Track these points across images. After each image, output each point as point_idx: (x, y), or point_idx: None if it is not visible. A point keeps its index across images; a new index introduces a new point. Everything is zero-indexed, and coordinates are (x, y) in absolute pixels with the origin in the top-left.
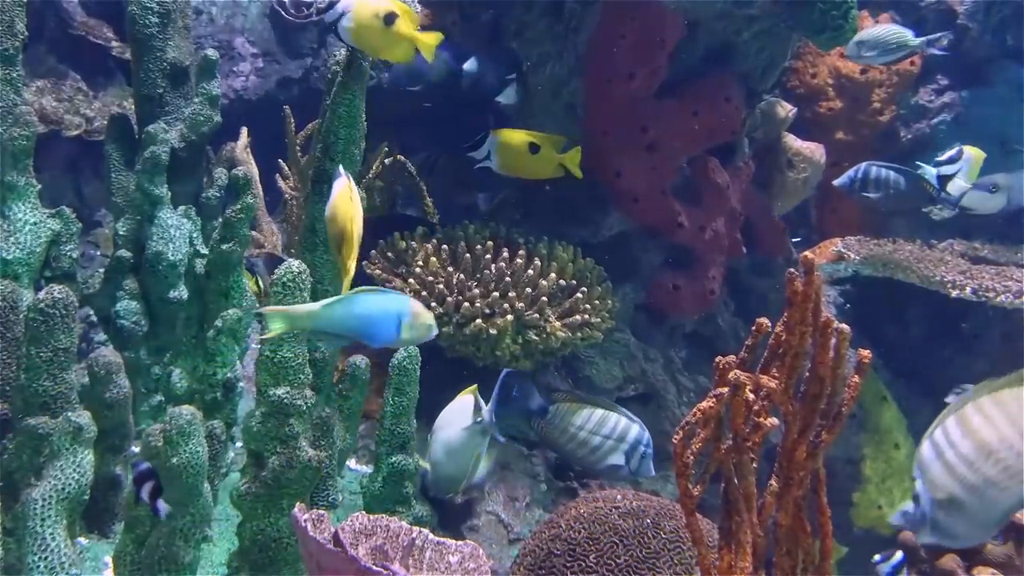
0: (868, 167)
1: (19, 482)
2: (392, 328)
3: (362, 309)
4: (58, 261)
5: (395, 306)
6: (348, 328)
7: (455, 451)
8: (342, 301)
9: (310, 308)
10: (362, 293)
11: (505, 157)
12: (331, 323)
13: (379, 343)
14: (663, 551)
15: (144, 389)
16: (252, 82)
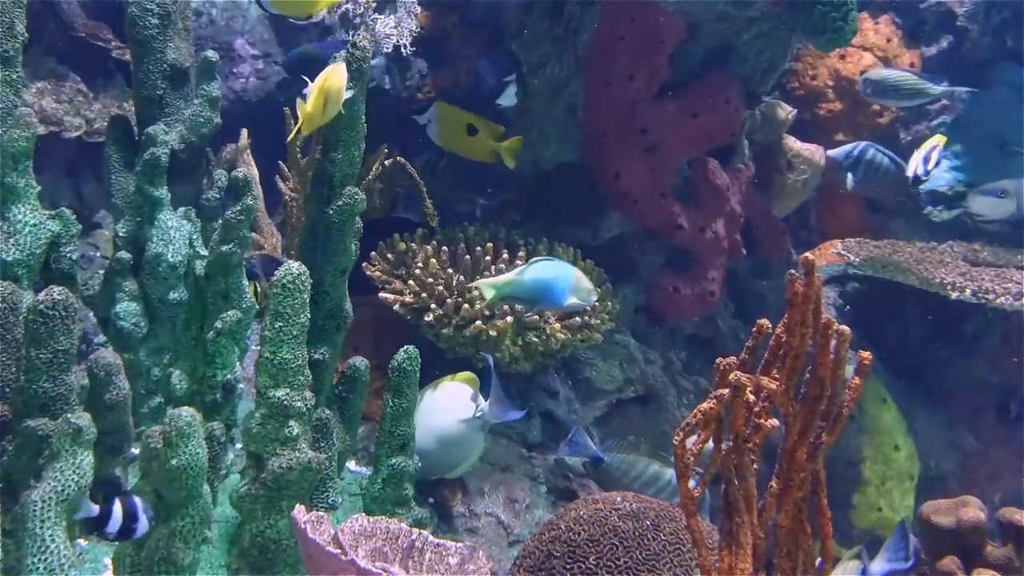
0: (867, 147)
1: (18, 484)
2: (564, 292)
3: (545, 275)
4: (58, 263)
5: (565, 273)
6: (534, 292)
7: (451, 442)
8: (529, 269)
9: (509, 277)
10: (542, 262)
11: (443, 129)
12: (523, 288)
13: (551, 305)
14: (663, 553)
15: (144, 391)
16: (252, 83)
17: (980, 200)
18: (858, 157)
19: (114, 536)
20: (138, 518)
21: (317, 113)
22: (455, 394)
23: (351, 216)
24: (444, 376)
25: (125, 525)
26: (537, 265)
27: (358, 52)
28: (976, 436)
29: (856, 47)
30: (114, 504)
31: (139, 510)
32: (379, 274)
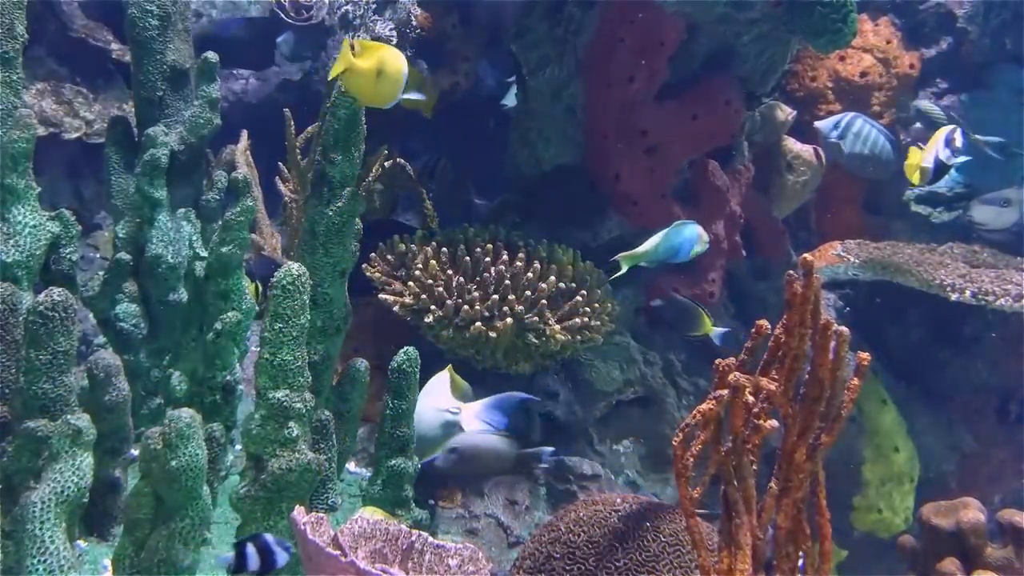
0: (855, 117)
1: (18, 485)
2: (689, 248)
3: (676, 239)
4: (58, 264)
5: (690, 232)
6: (666, 254)
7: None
8: (664, 236)
9: (646, 247)
10: (674, 228)
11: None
12: (658, 253)
13: (683, 258)
14: (663, 554)
15: (143, 392)
16: (252, 85)
17: (983, 209)
18: (846, 127)
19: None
20: (274, 551)
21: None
22: (443, 383)
23: (351, 217)
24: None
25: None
26: (670, 232)
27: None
28: (976, 438)
29: (856, 48)
30: (247, 547)
31: (272, 544)
32: (379, 275)
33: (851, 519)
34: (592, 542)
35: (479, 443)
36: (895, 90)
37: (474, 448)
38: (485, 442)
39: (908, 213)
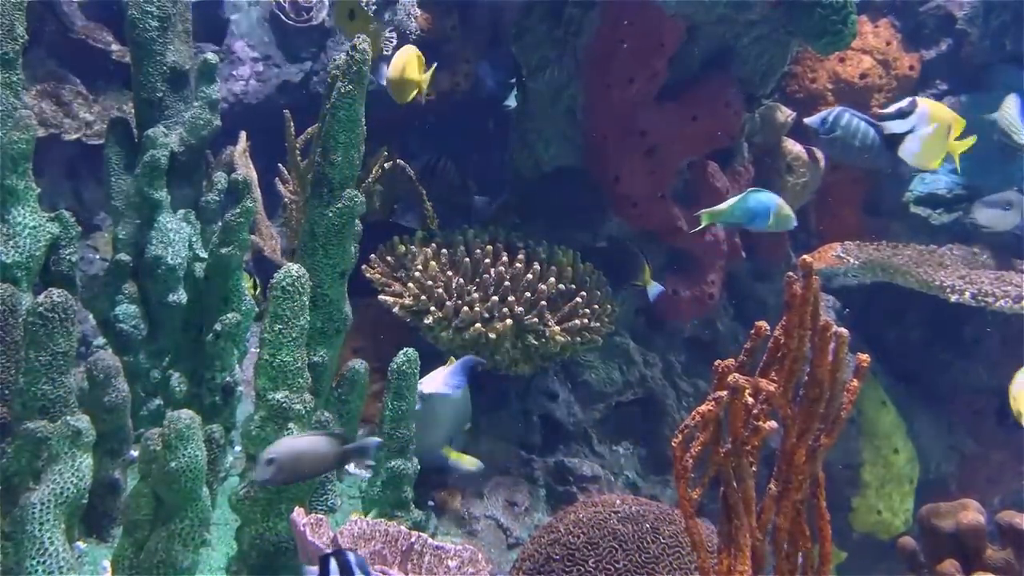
0: (842, 111)
1: (18, 486)
2: (766, 217)
3: (753, 204)
4: (57, 265)
5: (769, 200)
6: (742, 216)
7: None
8: (740, 197)
9: (723, 206)
10: (753, 193)
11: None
12: (734, 214)
13: (756, 227)
14: (662, 555)
15: (143, 393)
16: (252, 86)
17: (985, 212)
18: (834, 122)
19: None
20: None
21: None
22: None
23: (351, 218)
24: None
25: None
26: (750, 196)
27: (358, 55)
28: (976, 439)
29: (856, 50)
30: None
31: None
32: (379, 276)
33: (851, 520)
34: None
35: (297, 447)
36: (895, 92)
37: (292, 453)
38: (303, 445)
39: (908, 214)
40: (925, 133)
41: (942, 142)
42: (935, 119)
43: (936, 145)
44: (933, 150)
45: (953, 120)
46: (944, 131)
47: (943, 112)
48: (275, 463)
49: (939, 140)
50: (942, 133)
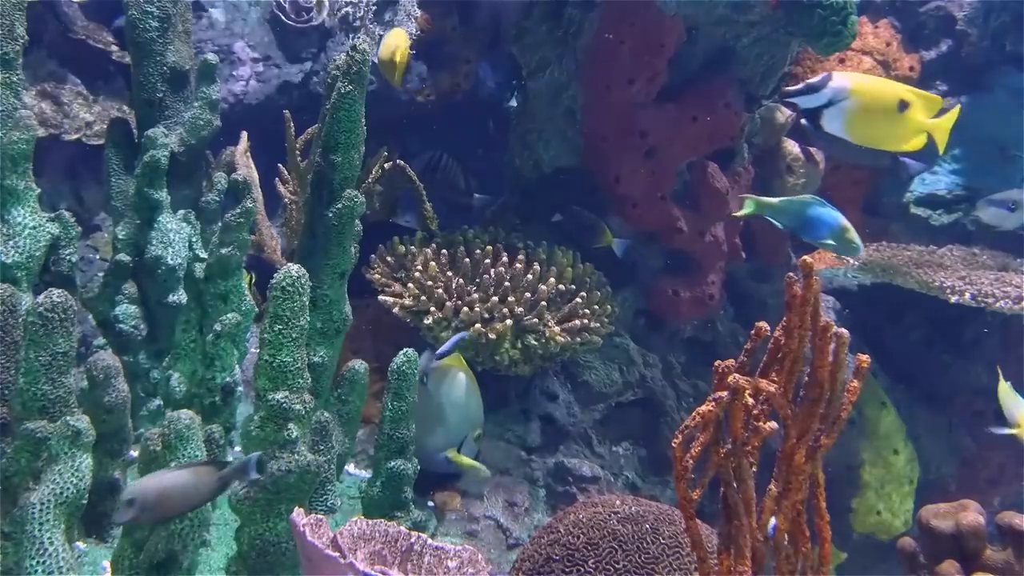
0: None
1: (17, 486)
2: (823, 232)
3: (814, 213)
4: (57, 265)
5: (833, 218)
6: (795, 220)
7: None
8: (800, 201)
9: (774, 200)
10: (818, 204)
11: None
12: (783, 213)
13: (808, 237)
14: (662, 556)
15: (143, 393)
16: (252, 86)
17: (990, 211)
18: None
19: None
20: None
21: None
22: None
23: (351, 219)
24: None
25: None
26: (810, 202)
27: (358, 55)
28: (976, 440)
29: (855, 51)
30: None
31: None
32: (379, 277)
33: (851, 521)
34: (591, 544)
35: (161, 484)
36: None
37: (155, 491)
38: (169, 481)
39: (907, 215)
40: (847, 107)
41: (888, 117)
42: (859, 92)
43: (878, 121)
44: (874, 126)
45: (910, 94)
46: (886, 106)
47: (879, 86)
48: (135, 504)
49: (881, 115)
50: (881, 107)
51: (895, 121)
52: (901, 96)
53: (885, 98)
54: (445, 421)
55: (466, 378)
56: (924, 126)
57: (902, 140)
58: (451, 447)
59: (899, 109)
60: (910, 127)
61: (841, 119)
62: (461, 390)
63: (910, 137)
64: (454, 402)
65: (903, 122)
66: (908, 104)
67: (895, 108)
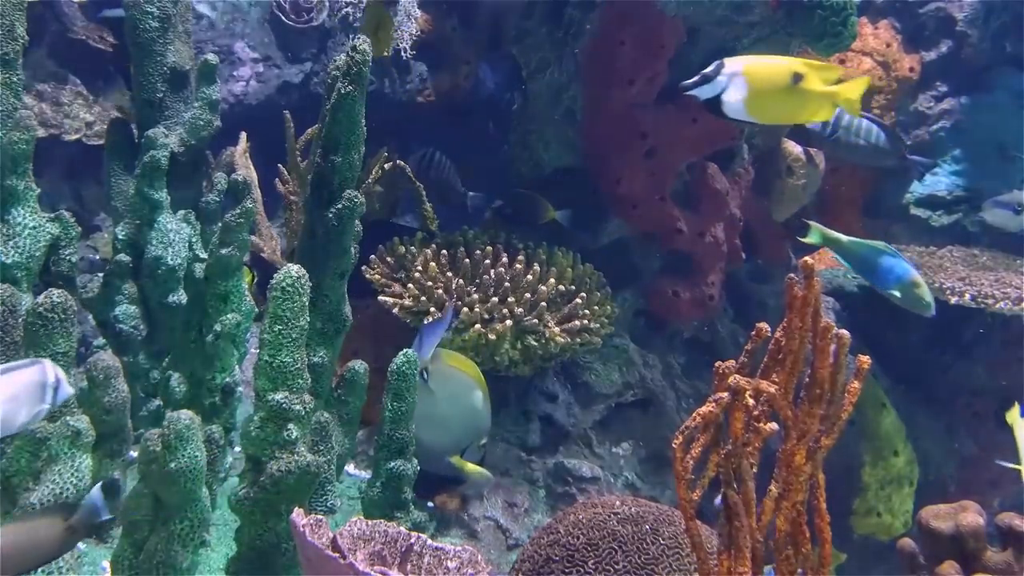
0: (841, 112)
1: (17, 486)
2: (891, 282)
3: (884, 262)
4: (57, 265)
5: (903, 271)
6: (859, 263)
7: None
8: (871, 247)
9: (843, 238)
10: (890, 253)
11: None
12: (851, 254)
13: (877, 285)
14: (662, 557)
15: (143, 393)
16: (252, 87)
17: (996, 212)
18: (835, 124)
19: None
20: None
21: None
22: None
23: (350, 219)
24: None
25: None
26: (881, 250)
27: (358, 56)
28: (976, 441)
29: (856, 52)
30: None
31: None
32: (378, 277)
33: (850, 522)
34: (591, 545)
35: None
36: (895, 93)
37: None
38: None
39: (908, 216)
40: (742, 90)
41: (784, 92)
42: (750, 73)
43: (775, 97)
44: (772, 103)
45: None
46: (779, 81)
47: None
48: None
49: (777, 91)
50: (775, 84)
51: (792, 94)
52: (793, 69)
53: (777, 74)
54: (453, 425)
55: (478, 388)
56: (826, 94)
57: (804, 111)
58: (454, 452)
59: (793, 82)
60: (809, 97)
61: (741, 103)
62: (472, 399)
63: (811, 107)
64: (464, 409)
65: (800, 94)
66: (802, 76)
67: (789, 82)
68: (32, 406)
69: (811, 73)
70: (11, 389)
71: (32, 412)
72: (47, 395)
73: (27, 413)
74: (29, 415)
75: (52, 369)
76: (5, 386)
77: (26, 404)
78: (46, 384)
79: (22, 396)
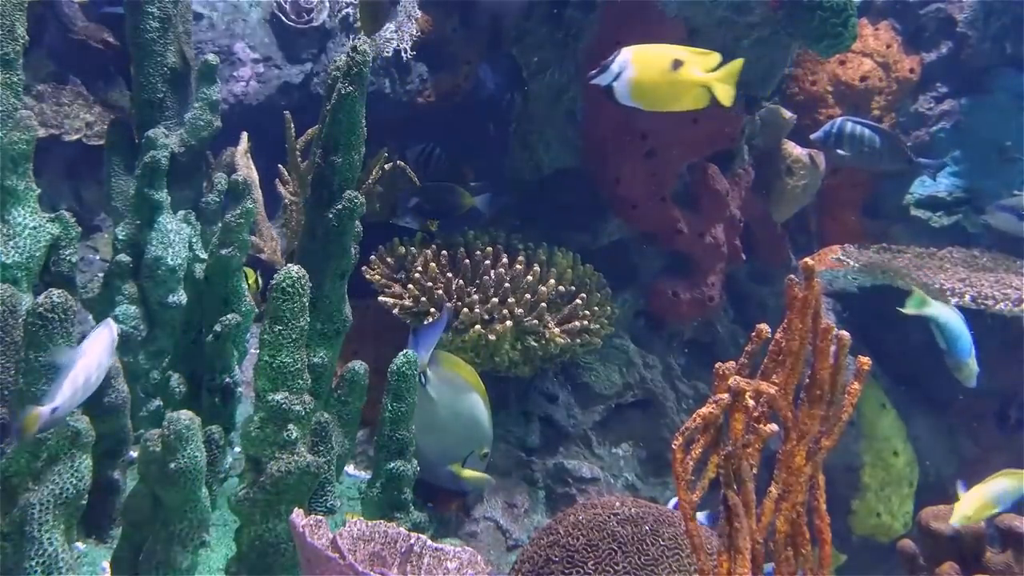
0: (844, 122)
1: (17, 487)
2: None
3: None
4: (57, 265)
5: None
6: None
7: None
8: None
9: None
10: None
11: None
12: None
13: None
14: (662, 558)
15: (143, 394)
16: (252, 87)
17: (1000, 217)
18: (839, 133)
19: None
20: None
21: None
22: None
23: (351, 220)
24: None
25: None
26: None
27: (358, 56)
28: (976, 442)
29: (856, 52)
30: None
31: None
32: (379, 278)
33: (850, 523)
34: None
35: None
36: (895, 94)
37: None
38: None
39: (908, 217)
40: (630, 76)
41: (665, 78)
42: (637, 60)
43: (657, 84)
44: (654, 89)
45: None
46: (661, 68)
47: (655, 49)
48: None
49: (659, 78)
50: (657, 70)
51: (671, 81)
52: (675, 56)
53: (659, 60)
54: (451, 433)
55: (478, 394)
56: (699, 80)
57: (680, 98)
58: (453, 461)
59: (673, 68)
60: (685, 84)
61: (628, 89)
62: (472, 405)
63: (688, 93)
64: (463, 415)
65: (678, 80)
66: (682, 63)
67: (669, 68)
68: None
69: (690, 60)
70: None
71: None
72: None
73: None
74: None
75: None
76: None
77: (107, 361)
78: (114, 340)
79: (106, 355)
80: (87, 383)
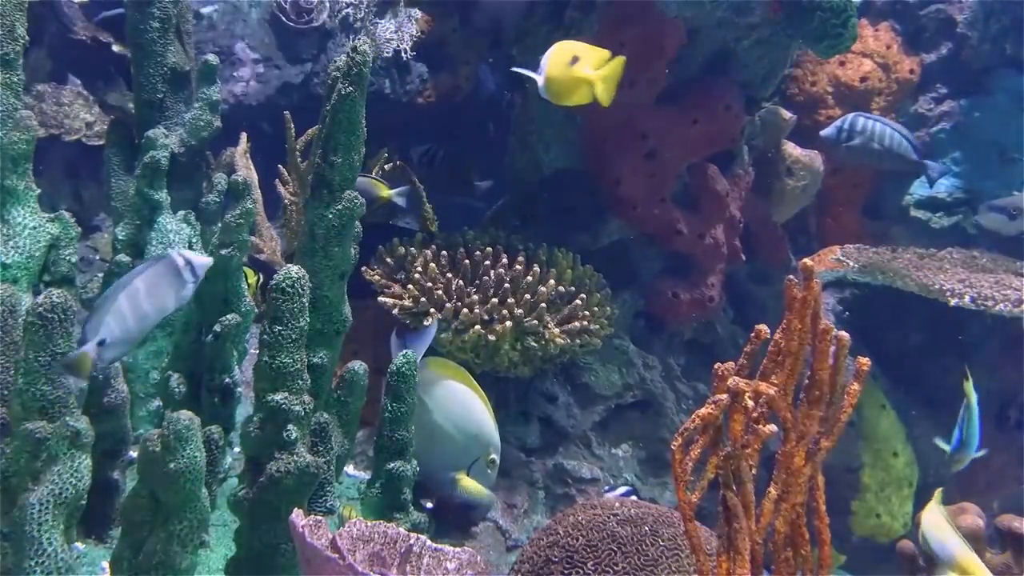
0: (856, 117)
1: (16, 487)
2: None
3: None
4: (57, 265)
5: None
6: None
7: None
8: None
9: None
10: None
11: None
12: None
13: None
14: (661, 558)
15: (142, 394)
16: (252, 87)
17: (990, 216)
18: (850, 129)
19: None
20: None
21: None
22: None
23: (351, 220)
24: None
25: None
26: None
27: (358, 57)
28: None
29: (856, 53)
30: None
31: None
32: (378, 278)
33: (850, 524)
34: (591, 546)
35: None
36: (895, 95)
37: None
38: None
39: (907, 218)
40: (544, 70)
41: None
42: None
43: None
44: (556, 84)
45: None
46: (563, 64)
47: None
48: None
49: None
50: (559, 64)
51: (567, 76)
52: (574, 52)
53: (562, 57)
54: (450, 439)
55: (476, 397)
56: (585, 78)
57: (571, 93)
58: (454, 469)
59: (571, 64)
60: (575, 80)
61: (543, 84)
62: (470, 409)
63: (577, 90)
64: (462, 420)
65: (571, 76)
66: (577, 59)
67: (568, 64)
68: (177, 290)
69: (585, 57)
70: (147, 285)
71: (180, 294)
72: (186, 275)
73: (175, 297)
74: (177, 298)
75: (178, 255)
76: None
77: (169, 291)
78: (179, 267)
79: (162, 287)
80: (138, 313)
